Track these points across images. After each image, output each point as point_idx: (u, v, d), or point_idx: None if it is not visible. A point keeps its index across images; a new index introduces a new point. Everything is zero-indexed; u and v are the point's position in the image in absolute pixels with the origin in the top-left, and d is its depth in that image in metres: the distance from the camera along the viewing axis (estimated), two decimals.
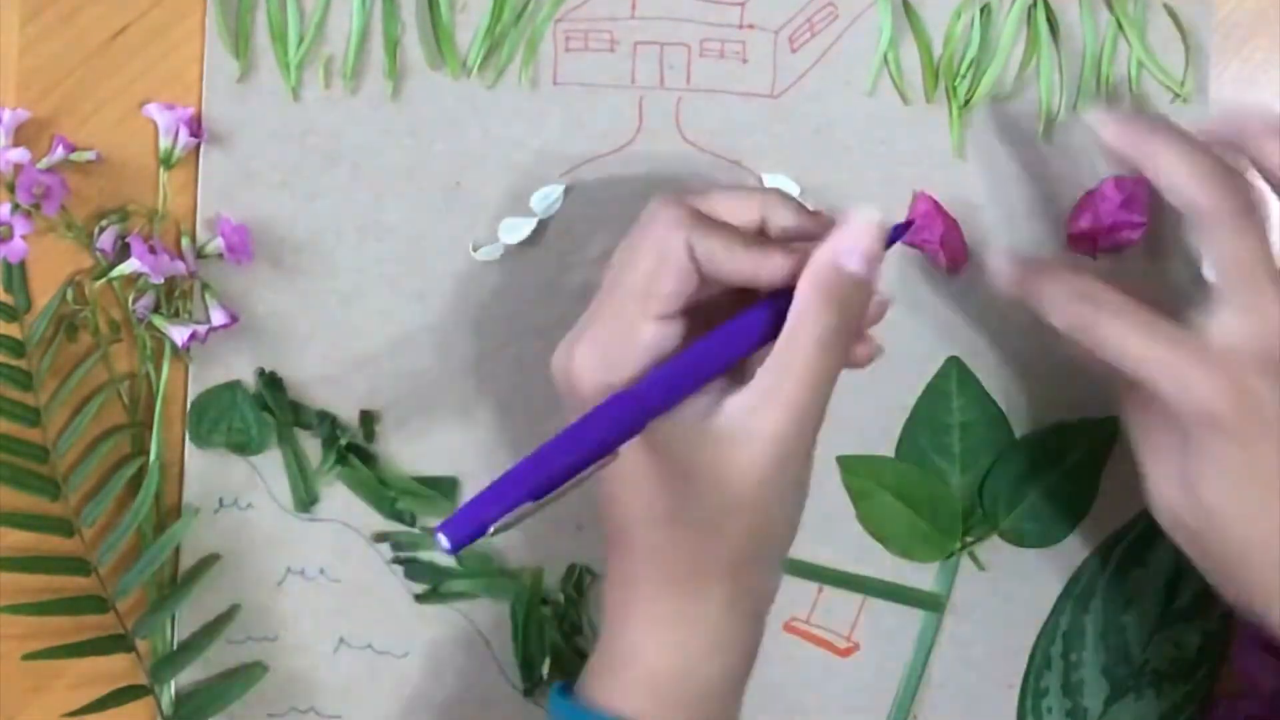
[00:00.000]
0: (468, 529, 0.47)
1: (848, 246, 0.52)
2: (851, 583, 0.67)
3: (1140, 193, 0.66)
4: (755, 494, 0.51)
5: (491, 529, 0.46)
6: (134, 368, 0.66)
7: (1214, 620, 0.66)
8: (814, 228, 0.54)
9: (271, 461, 0.66)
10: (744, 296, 0.54)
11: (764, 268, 0.52)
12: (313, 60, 0.66)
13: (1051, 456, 0.67)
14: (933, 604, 0.67)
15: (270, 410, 0.66)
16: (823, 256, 0.52)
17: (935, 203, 0.66)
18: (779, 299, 0.52)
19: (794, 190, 0.66)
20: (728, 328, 0.52)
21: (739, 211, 0.55)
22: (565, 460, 0.48)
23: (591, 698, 0.53)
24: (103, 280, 0.64)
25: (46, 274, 0.65)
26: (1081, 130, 0.67)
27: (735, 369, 0.53)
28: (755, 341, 0.52)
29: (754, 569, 0.53)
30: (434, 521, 0.66)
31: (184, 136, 0.65)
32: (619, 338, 0.53)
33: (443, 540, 0.47)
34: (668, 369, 0.52)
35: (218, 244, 0.65)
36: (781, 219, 0.55)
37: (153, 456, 0.65)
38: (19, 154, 0.63)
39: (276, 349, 0.66)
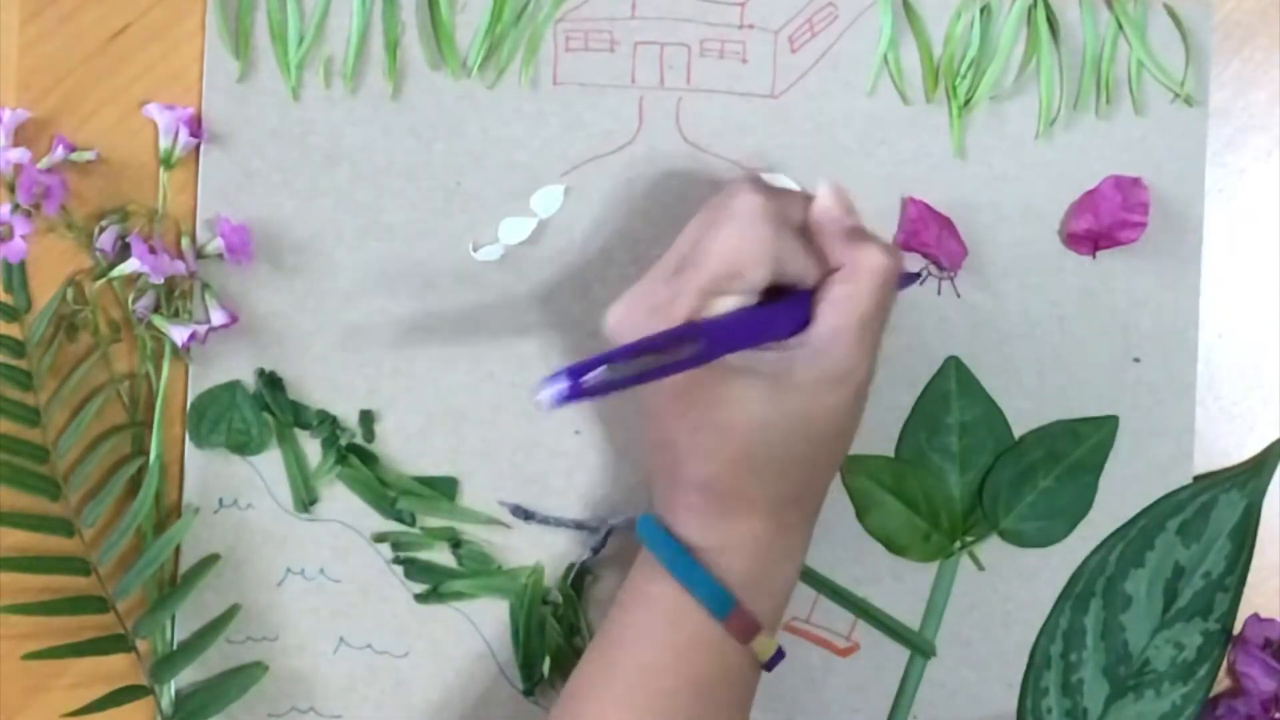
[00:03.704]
0: (566, 386, 0.51)
1: (841, 209, 0.58)
2: (849, 601, 0.67)
3: (1140, 192, 0.66)
4: (841, 436, 0.59)
5: (584, 381, 0.51)
6: (134, 368, 0.66)
7: (1214, 620, 0.66)
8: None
9: (271, 461, 0.66)
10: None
11: (813, 274, 0.57)
12: (313, 60, 0.66)
13: (1051, 456, 0.67)
14: (923, 648, 0.67)
15: (270, 410, 0.66)
16: (839, 224, 0.58)
17: (926, 206, 0.66)
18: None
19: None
20: (788, 301, 0.57)
21: (798, 212, 0.58)
22: (639, 346, 0.54)
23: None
24: (103, 280, 0.64)
25: (46, 274, 0.65)
26: (1081, 130, 0.67)
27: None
28: (806, 315, 0.58)
29: (824, 493, 0.60)
30: (434, 522, 0.66)
31: (184, 136, 0.65)
32: (693, 310, 0.56)
33: (546, 396, 0.51)
34: (735, 318, 0.56)
35: (218, 244, 0.65)
36: (798, 216, 0.58)
37: (153, 456, 0.65)
38: (19, 154, 0.63)
39: (276, 349, 0.66)
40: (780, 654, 0.59)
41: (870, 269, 0.57)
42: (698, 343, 0.54)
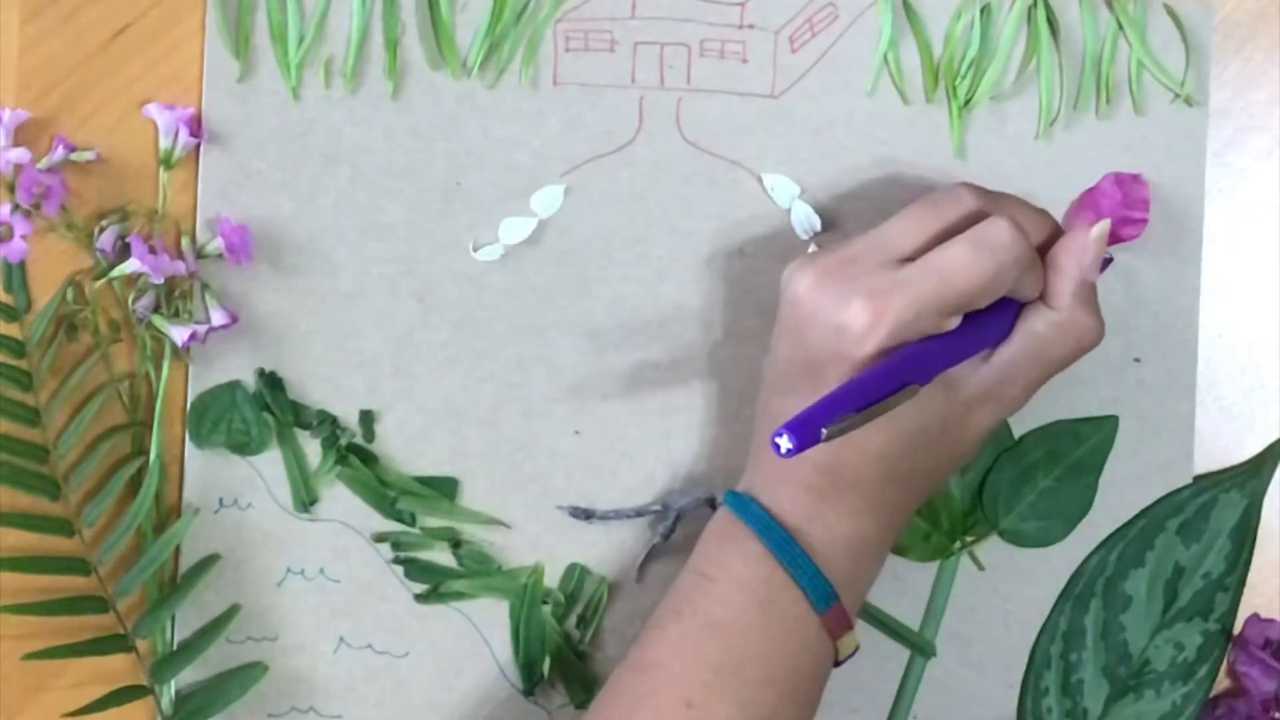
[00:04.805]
0: (805, 434, 0.51)
1: (1090, 260, 0.58)
2: None
3: (1140, 188, 0.66)
4: (971, 452, 0.59)
5: (824, 432, 0.51)
6: (134, 368, 0.66)
7: (1214, 620, 0.66)
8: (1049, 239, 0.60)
9: (271, 461, 0.66)
10: None
11: (1033, 294, 0.58)
12: (313, 60, 0.66)
13: (1051, 456, 0.67)
14: (923, 648, 0.67)
15: (270, 410, 0.66)
16: (1072, 269, 0.58)
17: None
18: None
19: (794, 190, 0.67)
20: (988, 320, 0.58)
21: (1037, 233, 0.59)
22: (878, 389, 0.54)
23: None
24: (103, 280, 0.64)
25: (46, 274, 0.65)
26: (1081, 130, 0.67)
27: None
28: (1007, 332, 0.58)
29: (922, 502, 0.61)
30: (434, 522, 0.66)
31: (184, 136, 0.65)
32: (927, 317, 0.55)
33: (785, 442, 0.51)
34: (953, 340, 0.56)
35: (218, 244, 0.65)
36: (1037, 237, 0.59)
37: (153, 456, 0.65)
38: (19, 154, 0.63)
39: (276, 349, 0.66)
40: (853, 652, 0.59)
41: (1082, 335, 0.58)
42: (919, 381, 0.54)
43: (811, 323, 0.56)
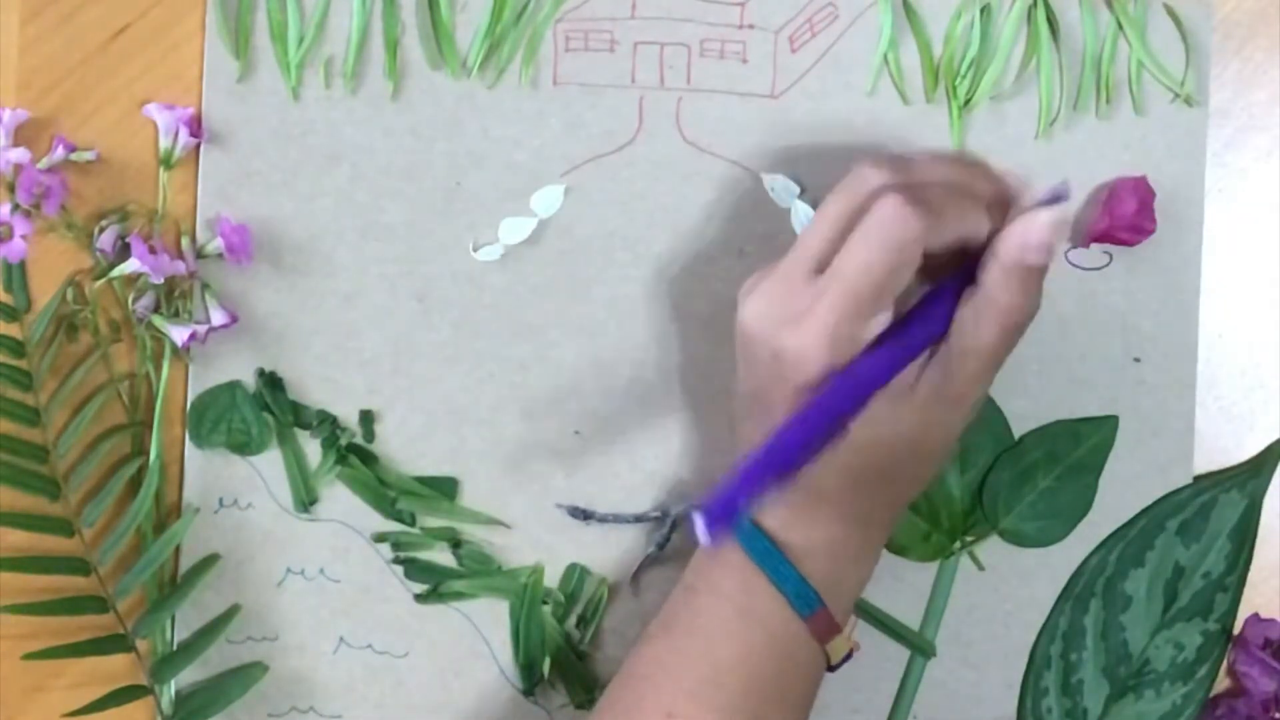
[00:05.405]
0: (724, 517, 0.51)
1: (1035, 242, 0.54)
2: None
3: (1151, 198, 0.66)
4: (944, 453, 0.58)
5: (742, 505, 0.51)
6: (134, 368, 0.66)
7: (1214, 620, 0.66)
8: (1006, 191, 0.56)
9: (271, 461, 0.66)
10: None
11: (981, 234, 0.55)
12: (313, 60, 0.66)
13: (1051, 456, 0.67)
14: (923, 648, 0.67)
15: (270, 410, 0.66)
16: (1011, 252, 0.54)
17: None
18: (959, 279, 0.56)
19: (794, 190, 0.67)
20: (924, 314, 0.56)
21: (983, 185, 0.56)
22: (803, 443, 0.53)
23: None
24: (103, 280, 0.64)
25: (46, 274, 0.65)
26: (1081, 130, 0.67)
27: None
28: (947, 325, 0.56)
29: (909, 502, 0.61)
30: (434, 522, 0.66)
31: (184, 136, 0.65)
32: (847, 325, 0.54)
33: (701, 529, 0.51)
34: (885, 353, 0.55)
35: (218, 244, 0.65)
36: (982, 190, 0.56)
37: (153, 456, 0.65)
38: (19, 154, 0.63)
39: (276, 349, 0.66)
40: (848, 655, 0.59)
41: (1003, 313, 0.54)
42: (846, 427, 0.54)
43: (753, 350, 0.56)
